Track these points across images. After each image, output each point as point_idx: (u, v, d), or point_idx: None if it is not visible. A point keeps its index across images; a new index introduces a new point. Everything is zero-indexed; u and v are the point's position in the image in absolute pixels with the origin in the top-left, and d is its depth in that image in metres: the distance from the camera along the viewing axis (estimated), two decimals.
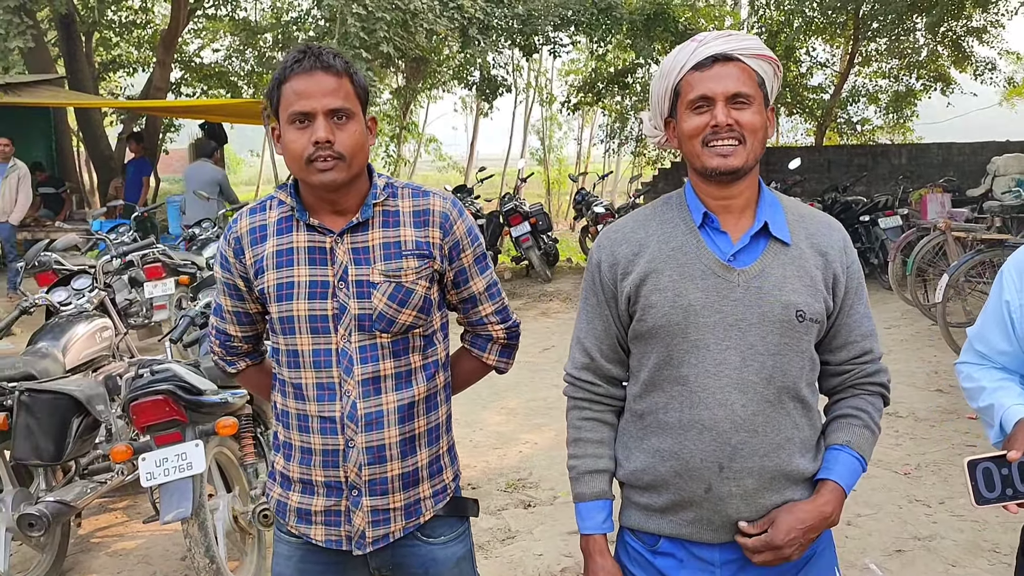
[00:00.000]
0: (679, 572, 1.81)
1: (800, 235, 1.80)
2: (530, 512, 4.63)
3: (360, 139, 1.85)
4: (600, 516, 1.86)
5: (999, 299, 1.86)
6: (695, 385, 1.74)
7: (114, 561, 4.17)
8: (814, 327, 1.76)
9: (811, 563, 1.83)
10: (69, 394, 3.66)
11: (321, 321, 1.87)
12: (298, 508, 1.95)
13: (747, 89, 1.74)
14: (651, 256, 1.80)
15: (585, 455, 1.89)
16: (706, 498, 1.75)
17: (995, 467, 1.70)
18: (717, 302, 1.74)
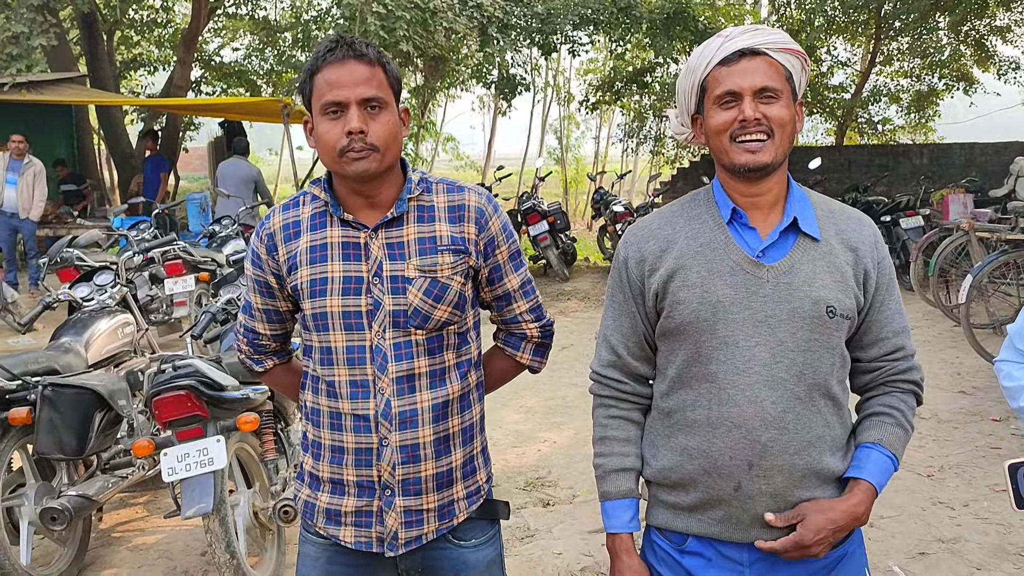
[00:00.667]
0: (707, 571, 1.79)
1: (830, 231, 1.77)
2: (549, 511, 4.60)
3: (393, 129, 1.82)
4: (627, 515, 1.84)
5: None
6: (724, 382, 1.72)
7: (134, 556, 4.17)
8: (845, 323, 1.73)
9: (842, 564, 1.81)
10: (92, 389, 3.66)
11: (355, 317, 1.84)
12: (327, 509, 1.93)
13: (774, 83, 1.72)
14: (679, 252, 1.78)
15: (612, 453, 1.87)
16: (735, 496, 1.72)
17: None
18: (746, 298, 1.72)
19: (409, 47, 11.46)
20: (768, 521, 1.72)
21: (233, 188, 10.21)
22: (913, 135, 15.30)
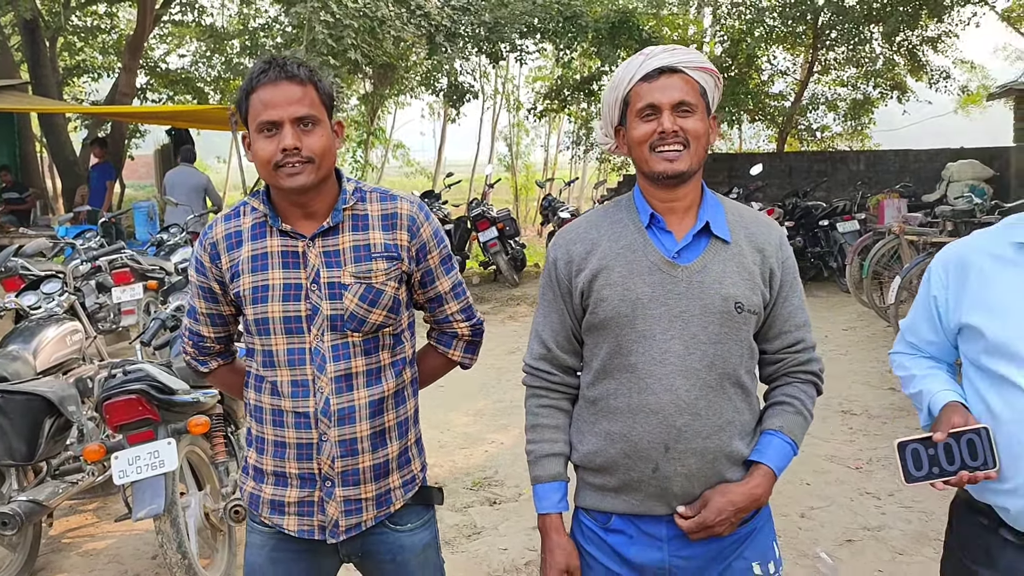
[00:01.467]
0: (629, 548, 1.95)
1: (740, 234, 1.94)
2: (495, 509, 4.74)
3: (327, 143, 1.95)
4: (556, 496, 1.99)
5: (927, 294, 2.01)
6: (643, 372, 1.88)
7: (85, 561, 4.22)
8: (752, 318, 1.90)
9: (751, 538, 1.97)
10: (41, 395, 3.71)
11: (295, 322, 1.97)
12: (271, 500, 2.05)
13: (691, 98, 1.89)
14: (602, 254, 1.94)
15: (542, 440, 2.03)
16: (654, 477, 1.88)
17: (922, 448, 1.83)
18: (663, 295, 1.88)
19: (357, 55, 11.55)
20: (680, 513, 1.88)
21: (183, 196, 10.22)
22: (850, 142, 15.76)
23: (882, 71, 14.11)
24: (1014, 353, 1.79)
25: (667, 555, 1.93)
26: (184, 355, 2.24)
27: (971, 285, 1.89)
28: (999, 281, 1.85)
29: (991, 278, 1.86)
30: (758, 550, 1.99)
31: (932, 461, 1.82)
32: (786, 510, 4.62)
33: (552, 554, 1.98)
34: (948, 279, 1.95)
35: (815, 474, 5.10)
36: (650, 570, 1.94)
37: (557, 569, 1.96)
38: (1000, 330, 1.81)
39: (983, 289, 1.87)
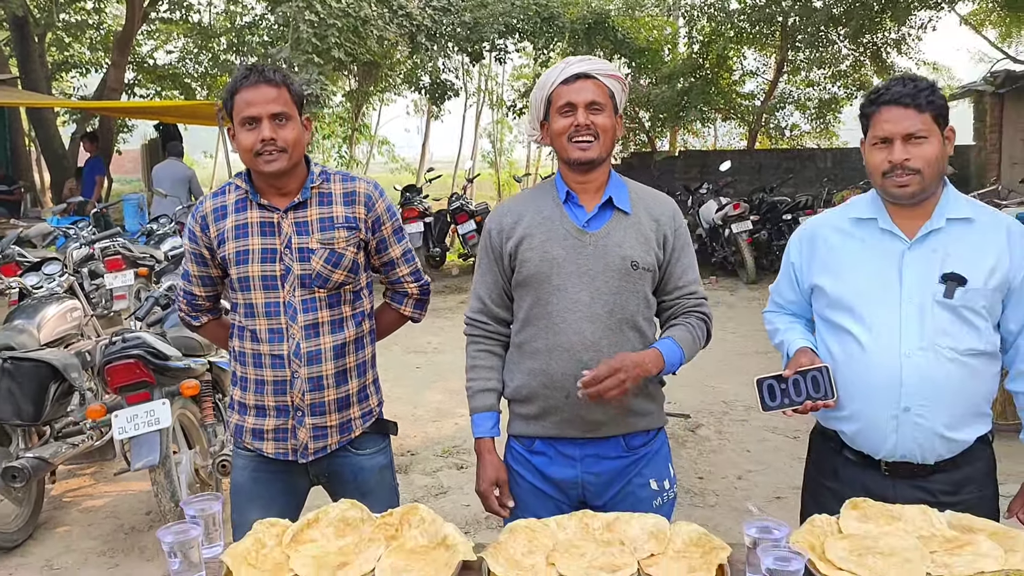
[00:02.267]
0: (550, 467, 2.39)
1: (639, 207, 2.38)
2: (462, 472, 5.18)
3: (297, 135, 2.38)
4: (488, 423, 2.43)
5: (787, 262, 2.45)
6: (557, 319, 2.31)
7: (85, 516, 4.64)
8: (647, 274, 2.33)
9: (649, 460, 2.40)
10: (48, 362, 4.13)
11: (271, 280, 2.41)
12: (252, 428, 2.49)
13: (601, 99, 2.33)
14: (527, 224, 2.38)
15: (478, 378, 2.46)
16: (567, 404, 2.31)
17: (776, 383, 2.27)
18: (574, 257, 2.32)
19: (341, 54, 11.93)
20: (583, 379, 2.18)
21: (169, 187, 10.61)
22: (819, 140, 16.27)
23: (848, 72, 14.61)
24: (848, 306, 2.24)
25: (580, 472, 2.36)
26: (179, 312, 2.67)
27: (819, 253, 2.34)
28: (839, 249, 2.30)
29: (833, 247, 2.31)
30: (655, 470, 2.42)
31: (783, 393, 2.25)
32: (725, 472, 5.09)
33: (484, 470, 2.42)
34: (802, 248, 2.40)
35: (756, 442, 5.57)
36: (566, 484, 2.38)
37: (488, 481, 2.40)
38: (838, 288, 2.27)
39: (827, 256, 2.32)
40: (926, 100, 2.12)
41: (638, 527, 2.03)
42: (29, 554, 4.20)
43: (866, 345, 2.20)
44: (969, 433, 2.20)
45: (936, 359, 2.14)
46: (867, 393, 2.21)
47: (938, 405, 2.15)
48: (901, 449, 2.20)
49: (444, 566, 1.88)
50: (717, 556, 1.88)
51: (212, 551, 2.00)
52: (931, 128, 2.13)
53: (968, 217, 2.20)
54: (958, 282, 2.13)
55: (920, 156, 2.12)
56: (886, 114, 2.14)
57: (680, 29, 15.70)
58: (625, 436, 2.35)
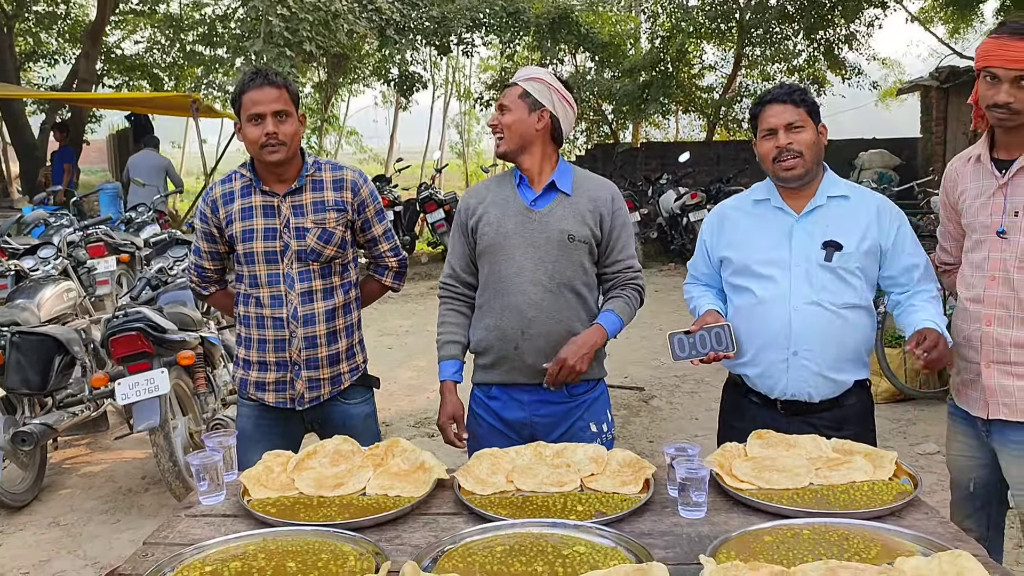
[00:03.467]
0: (504, 410, 2.83)
1: (580, 190, 2.81)
2: (432, 440, 5.61)
3: (295, 129, 2.80)
4: (451, 369, 2.87)
5: (701, 240, 2.90)
6: (507, 283, 2.75)
7: (84, 480, 5.01)
8: (583, 246, 2.75)
9: (589, 405, 2.83)
10: (53, 336, 4.50)
11: (272, 255, 2.83)
12: (256, 381, 2.90)
13: (507, 102, 2.78)
14: (487, 203, 2.83)
15: (445, 332, 2.91)
16: (516, 354, 2.76)
17: (685, 337, 2.70)
18: (522, 231, 2.76)
19: (312, 47, 12.26)
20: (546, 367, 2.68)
21: (146, 177, 10.93)
22: None
23: (803, 67, 15.18)
24: (749, 270, 2.70)
25: (529, 414, 2.81)
26: (191, 283, 3.08)
27: (725, 230, 2.80)
28: (741, 226, 2.76)
29: (737, 224, 2.78)
30: (595, 414, 2.85)
31: (691, 346, 2.69)
32: (675, 436, 5.56)
33: (444, 407, 2.87)
34: (712, 229, 2.86)
35: (704, 412, 6.05)
36: (518, 425, 2.82)
37: (446, 416, 2.86)
38: (741, 256, 2.73)
39: (732, 232, 2.78)
40: (800, 98, 2.61)
41: (582, 453, 2.48)
42: (36, 513, 4.58)
43: (763, 300, 2.67)
44: (848, 376, 2.67)
45: (819, 311, 2.60)
46: (764, 340, 2.67)
47: (821, 350, 2.62)
48: (792, 388, 2.66)
49: (423, 484, 2.31)
50: (645, 473, 2.33)
51: (229, 476, 2.42)
52: (806, 120, 2.60)
53: (845, 195, 2.67)
54: (836, 248, 2.60)
55: (800, 141, 2.58)
56: (769, 111, 2.61)
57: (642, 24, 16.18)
58: (568, 384, 2.78)
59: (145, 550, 2.02)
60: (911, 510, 2.09)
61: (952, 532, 1.98)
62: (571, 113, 2.85)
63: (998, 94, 2.37)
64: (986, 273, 2.51)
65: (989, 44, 2.40)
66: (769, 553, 1.86)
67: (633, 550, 1.89)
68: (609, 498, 2.22)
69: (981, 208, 2.53)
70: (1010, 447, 2.52)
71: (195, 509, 2.25)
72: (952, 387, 2.72)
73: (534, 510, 2.15)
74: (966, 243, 2.62)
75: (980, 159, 2.56)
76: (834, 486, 2.23)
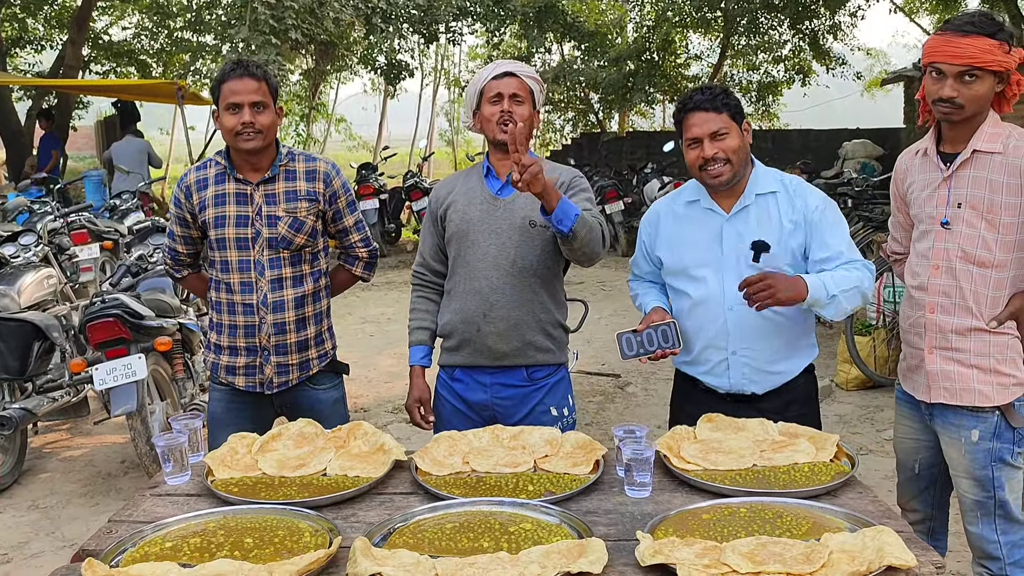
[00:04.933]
0: (466, 391, 2.91)
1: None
2: (410, 426, 5.64)
3: (271, 120, 2.86)
4: (420, 354, 2.97)
5: (640, 239, 2.94)
6: (472, 268, 2.82)
7: (64, 464, 5.08)
8: (545, 231, 2.79)
9: (551, 390, 2.89)
10: (31, 322, 4.56)
11: (244, 241, 2.89)
12: (226, 365, 2.98)
13: (522, 93, 2.82)
14: (455, 193, 2.90)
15: (416, 318, 2.99)
16: (477, 336, 2.83)
17: (632, 336, 2.74)
18: (487, 218, 2.82)
19: (298, 35, 12.26)
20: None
21: (129, 164, 10.99)
22: (760, 122, 16.93)
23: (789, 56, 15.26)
24: (683, 272, 2.76)
25: (490, 396, 2.89)
26: (164, 266, 3.14)
27: (660, 230, 2.85)
28: (673, 227, 2.80)
29: (669, 225, 2.82)
30: (555, 398, 2.92)
31: (639, 344, 2.73)
32: (647, 421, 5.64)
33: (412, 390, 2.97)
34: (649, 227, 2.89)
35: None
36: (479, 406, 2.91)
37: (413, 399, 2.96)
38: (674, 258, 2.79)
39: (666, 232, 2.82)
40: (721, 103, 2.60)
41: (537, 436, 2.56)
42: (16, 496, 4.65)
43: (698, 302, 2.73)
44: (791, 365, 2.72)
45: (750, 312, 2.61)
46: (703, 341, 2.74)
47: (758, 346, 2.68)
48: (736, 384, 2.73)
49: (381, 465, 2.40)
50: (596, 454, 2.42)
51: (196, 458, 2.50)
52: (730, 124, 2.60)
53: (773, 191, 2.68)
54: (764, 249, 2.63)
55: (726, 148, 2.58)
56: (692, 119, 2.61)
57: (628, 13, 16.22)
58: (528, 368, 2.86)
59: (110, 527, 2.10)
60: (846, 490, 2.18)
61: (882, 510, 2.07)
62: None
63: (943, 89, 2.45)
64: (930, 262, 2.60)
65: (935, 40, 2.48)
66: (705, 530, 1.95)
67: (576, 527, 1.98)
68: (560, 478, 2.30)
69: (927, 200, 2.62)
70: (950, 430, 2.61)
71: (160, 489, 2.33)
72: (899, 372, 2.81)
73: (487, 490, 2.23)
74: (914, 233, 2.71)
75: (927, 152, 2.65)
76: (776, 467, 2.32)
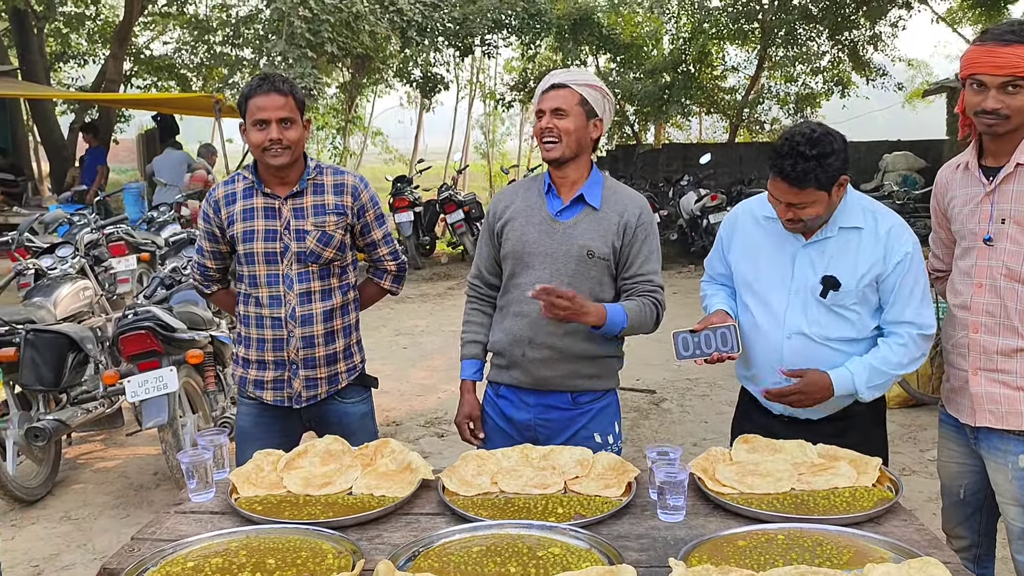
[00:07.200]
0: (510, 409, 2.86)
1: (609, 203, 2.76)
2: (441, 440, 5.66)
3: (299, 135, 2.83)
4: (471, 369, 2.93)
5: (719, 236, 2.84)
6: (523, 290, 2.73)
7: (97, 475, 5.10)
8: (601, 263, 2.72)
9: (596, 415, 2.81)
10: (66, 334, 4.58)
11: (272, 255, 2.87)
12: (255, 379, 2.95)
13: (566, 106, 2.71)
14: (514, 209, 2.83)
15: (468, 331, 2.95)
16: (523, 360, 2.77)
17: (690, 336, 2.66)
18: (544, 241, 2.75)
19: (334, 48, 12.35)
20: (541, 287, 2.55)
21: (168, 176, 11.11)
22: None
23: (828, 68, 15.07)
24: (751, 286, 2.68)
25: (532, 416, 2.83)
26: (193, 281, 3.13)
27: (737, 235, 2.75)
28: (751, 236, 2.70)
29: (747, 233, 2.72)
30: (600, 425, 2.83)
31: (695, 346, 2.67)
32: (683, 439, 5.57)
33: (462, 406, 2.93)
34: (729, 228, 2.79)
35: (715, 415, 6.05)
36: (522, 426, 2.84)
37: (463, 415, 2.92)
38: (744, 268, 2.71)
39: (742, 239, 2.73)
40: (813, 179, 2.40)
41: (568, 456, 2.50)
42: (49, 507, 4.66)
43: (759, 323, 2.64)
44: (844, 400, 2.58)
45: (808, 343, 2.55)
46: (760, 362, 2.66)
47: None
48: (789, 409, 2.64)
49: (408, 484, 2.35)
50: (628, 476, 2.35)
51: (221, 475, 2.46)
52: (816, 196, 2.42)
53: (858, 226, 2.53)
54: (833, 286, 2.52)
55: (803, 215, 2.45)
56: (776, 184, 2.47)
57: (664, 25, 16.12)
58: (572, 393, 2.79)
59: (132, 545, 2.07)
60: (890, 517, 2.09)
61: (928, 539, 1.98)
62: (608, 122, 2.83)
63: (985, 100, 2.36)
64: (973, 280, 2.50)
65: (975, 51, 2.39)
66: (741, 557, 1.88)
67: (606, 552, 1.91)
68: (591, 501, 2.24)
69: (969, 215, 2.52)
70: (996, 454, 2.50)
71: (184, 506, 2.30)
72: (943, 394, 2.71)
73: (515, 512, 2.18)
74: (956, 250, 2.61)
75: (968, 166, 2.55)
76: (815, 492, 2.23)
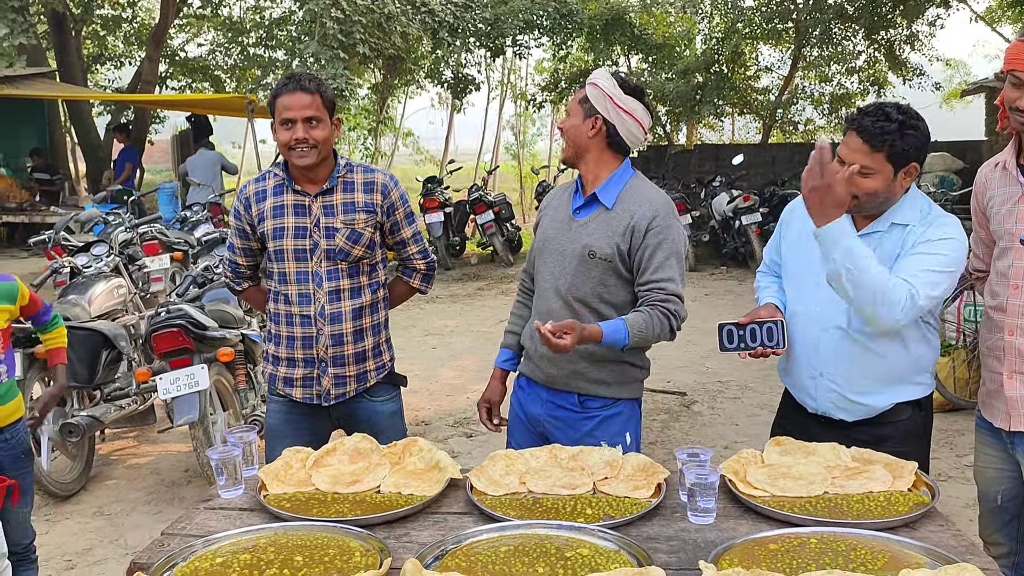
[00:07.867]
0: (527, 401, 2.88)
1: (623, 204, 2.70)
2: (470, 440, 5.65)
3: (326, 134, 2.83)
4: (503, 357, 2.99)
5: (779, 223, 2.78)
6: (539, 286, 2.80)
7: (130, 471, 5.15)
8: (604, 263, 2.67)
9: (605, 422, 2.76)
10: (100, 331, 4.64)
11: (302, 253, 2.87)
12: (284, 377, 2.96)
13: (571, 106, 2.77)
14: (549, 205, 2.89)
15: (510, 321, 3.02)
16: (535, 354, 2.79)
17: (735, 329, 2.60)
18: (559, 239, 2.76)
19: (366, 49, 12.42)
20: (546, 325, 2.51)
21: (202, 176, 11.25)
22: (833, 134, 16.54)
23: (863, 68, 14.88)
24: (793, 274, 2.65)
25: (543, 411, 2.82)
26: (224, 279, 3.15)
27: (790, 227, 2.70)
28: (799, 229, 2.61)
29: (795, 225, 2.66)
30: (608, 433, 2.75)
31: (740, 339, 2.60)
32: (714, 442, 5.50)
33: (486, 390, 2.99)
34: (784, 219, 2.75)
35: (746, 417, 5.98)
36: (533, 419, 2.86)
37: (484, 399, 2.98)
38: (790, 257, 2.67)
39: (795, 227, 2.66)
40: (888, 143, 2.32)
41: (597, 457, 2.47)
42: (82, 502, 4.72)
43: (798, 314, 2.61)
44: (882, 399, 2.52)
45: (845, 337, 2.49)
46: (796, 354, 2.62)
47: (846, 374, 2.52)
48: (823, 406, 2.59)
49: (436, 483, 2.34)
50: (657, 477, 2.32)
51: (250, 471, 2.47)
52: (882, 167, 2.34)
53: (909, 224, 2.43)
54: None
55: (862, 187, 2.35)
56: (849, 139, 2.39)
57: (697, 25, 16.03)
58: (580, 396, 2.76)
59: (162, 540, 2.08)
60: (926, 522, 2.05)
61: (965, 545, 1.93)
62: (631, 120, 2.69)
63: (1021, 98, 2.31)
64: (1010, 282, 2.44)
65: (1017, 47, 2.34)
66: (773, 561, 1.84)
67: (635, 554, 1.89)
68: (620, 502, 2.21)
69: (1007, 215, 2.46)
70: None
71: (214, 502, 2.31)
72: (979, 398, 2.65)
73: (543, 512, 2.16)
74: (994, 251, 2.55)
75: (1006, 165, 2.49)
76: (849, 496, 2.19)
